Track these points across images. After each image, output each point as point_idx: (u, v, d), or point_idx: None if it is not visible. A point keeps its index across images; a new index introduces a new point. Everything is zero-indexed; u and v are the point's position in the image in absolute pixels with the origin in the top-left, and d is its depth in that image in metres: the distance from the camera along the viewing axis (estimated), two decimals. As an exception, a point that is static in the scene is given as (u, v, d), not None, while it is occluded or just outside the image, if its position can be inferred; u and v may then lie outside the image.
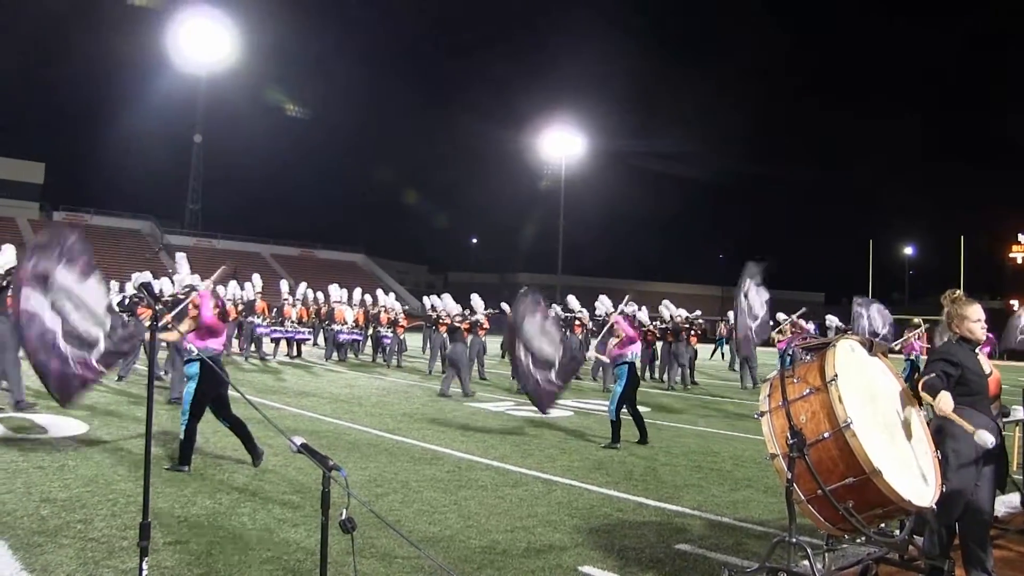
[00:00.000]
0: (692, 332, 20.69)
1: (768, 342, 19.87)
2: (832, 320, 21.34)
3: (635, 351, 10.56)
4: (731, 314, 22.37)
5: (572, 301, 21.47)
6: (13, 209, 59.29)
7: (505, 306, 20.42)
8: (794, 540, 4.52)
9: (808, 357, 5.01)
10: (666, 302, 21.40)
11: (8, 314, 10.98)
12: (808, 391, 4.49)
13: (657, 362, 21.36)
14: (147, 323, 13.98)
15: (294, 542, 5.45)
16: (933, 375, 4.62)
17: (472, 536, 5.83)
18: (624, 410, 10.19)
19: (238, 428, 7.89)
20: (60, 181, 65.64)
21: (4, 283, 10.86)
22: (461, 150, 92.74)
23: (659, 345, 20.87)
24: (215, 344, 7.92)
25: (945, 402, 4.40)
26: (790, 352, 18.74)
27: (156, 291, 4.65)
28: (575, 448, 9.82)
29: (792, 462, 4.34)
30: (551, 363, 10.27)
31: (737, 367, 23.04)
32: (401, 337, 23.08)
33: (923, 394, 4.56)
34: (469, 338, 17.81)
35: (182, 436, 7.57)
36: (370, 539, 5.48)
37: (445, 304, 18.86)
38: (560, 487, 7.62)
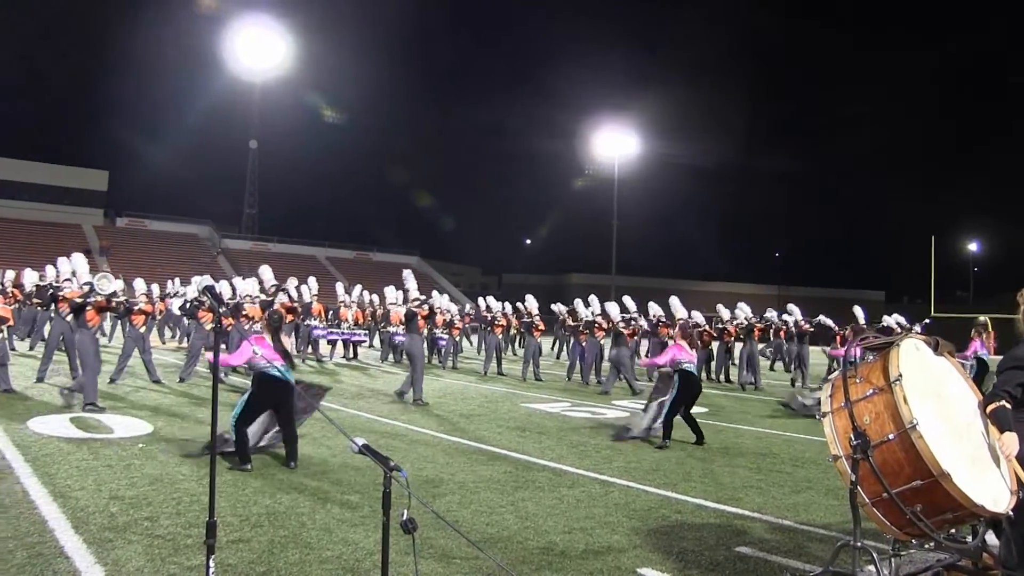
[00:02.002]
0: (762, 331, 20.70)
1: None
2: (891, 320, 20.95)
3: (688, 359, 10.42)
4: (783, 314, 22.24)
5: (628, 302, 21.36)
6: (79, 216, 61.01)
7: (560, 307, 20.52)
8: (859, 544, 4.41)
9: (871, 357, 4.88)
10: (741, 304, 21.30)
11: (89, 327, 11.36)
12: (872, 391, 4.40)
13: (713, 362, 21.18)
14: (208, 326, 14.41)
15: (353, 542, 5.49)
16: (1001, 401, 4.38)
17: (530, 537, 5.82)
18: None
19: (291, 437, 8.05)
20: (123, 188, 67.54)
21: (86, 299, 11.21)
22: (515, 152, 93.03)
23: (715, 345, 20.72)
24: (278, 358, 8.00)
25: (1009, 446, 4.24)
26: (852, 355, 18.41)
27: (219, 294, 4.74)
28: (632, 449, 9.76)
29: (856, 464, 4.25)
30: None
31: (792, 367, 22.75)
32: (456, 339, 23.15)
33: (992, 424, 4.39)
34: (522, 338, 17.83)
35: (232, 437, 7.77)
36: (428, 539, 5.50)
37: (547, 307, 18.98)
38: (618, 488, 7.58)
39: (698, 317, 19.08)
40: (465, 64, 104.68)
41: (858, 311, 20.49)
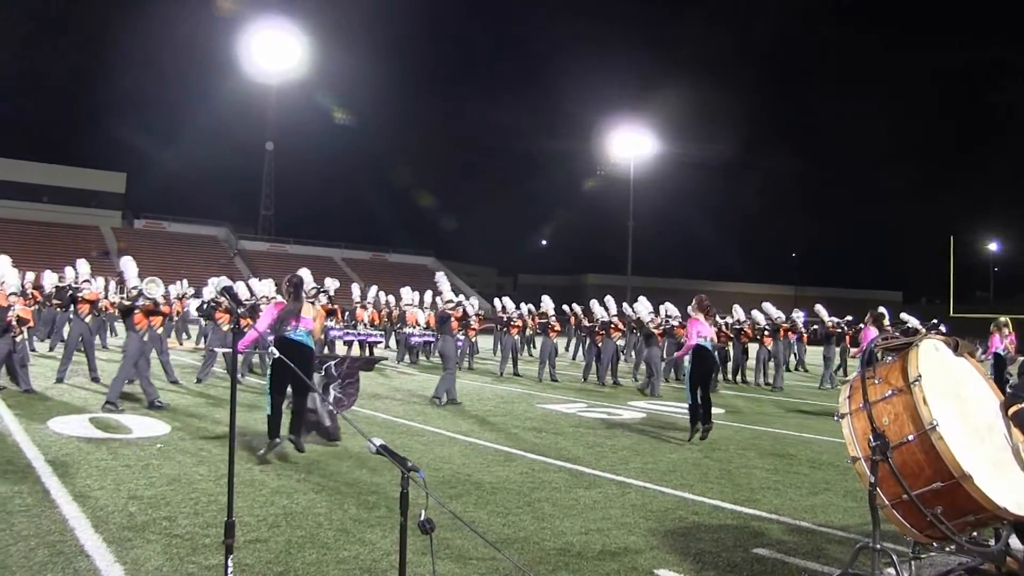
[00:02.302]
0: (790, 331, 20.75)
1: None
2: (910, 319, 20.82)
3: (706, 333, 10.46)
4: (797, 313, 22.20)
5: (643, 303, 21.33)
6: (97, 218, 61.57)
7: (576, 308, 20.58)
8: (878, 546, 4.37)
9: (889, 358, 4.84)
10: (766, 305, 21.25)
11: (137, 330, 11.48)
12: (890, 392, 4.37)
13: (729, 363, 21.12)
14: (225, 327, 14.49)
15: (370, 542, 5.50)
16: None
17: (546, 538, 5.81)
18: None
19: (298, 410, 8.45)
20: (140, 190, 68.01)
21: (134, 303, 11.31)
22: (530, 152, 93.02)
23: (730, 346, 20.72)
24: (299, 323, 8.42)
25: None
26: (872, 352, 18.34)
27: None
28: (648, 450, 9.73)
29: (875, 465, 4.22)
30: None
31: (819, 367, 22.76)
32: (473, 340, 23.15)
33: (1014, 426, 4.35)
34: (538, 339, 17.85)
35: (268, 411, 8.28)
36: (445, 540, 5.50)
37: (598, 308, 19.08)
38: (634, 489, 7.56)
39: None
40: (479, 65, 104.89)
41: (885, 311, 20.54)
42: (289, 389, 8.46)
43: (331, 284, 19.15)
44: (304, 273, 15.36)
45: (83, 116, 68.98)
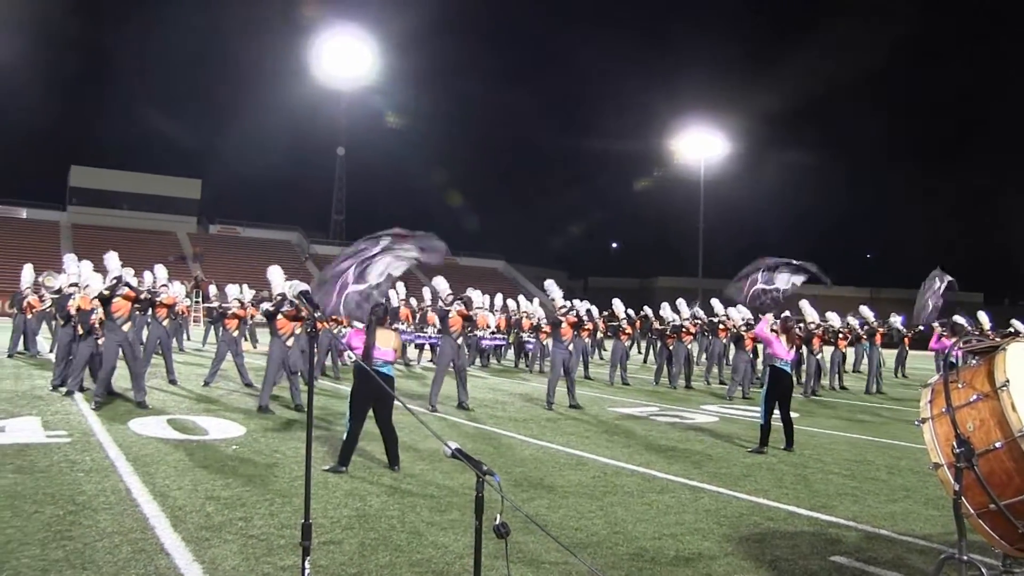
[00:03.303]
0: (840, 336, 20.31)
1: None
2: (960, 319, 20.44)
3: (782, 356, 10.21)
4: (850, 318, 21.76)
5: (717, 305, 21.09)
6: (174, 224, 63.23)
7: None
8: (965, 558, 4.19)
9: (973, 361, 4.68)
10: (863, 308, 21.05)
11: (280, 335, 11.87)
12: (975, 397, 4.22)
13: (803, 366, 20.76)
14: (235, 332, 14.81)
15: (443, 545, 5.53)
16: None
17: (619, 542, 5.78)
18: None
19: (388, 437, 8.12)
20: (215, 196, 69.57)
21: (278, 308, 11.71)
22: (599, 155, 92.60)
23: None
24: (377, 353, 8.11)
25: None
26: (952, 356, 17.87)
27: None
28: (721, 455, 9.61)
29: (960, 473, 4.07)
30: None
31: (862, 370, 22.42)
32: (544, 343, 23.10)
33: None
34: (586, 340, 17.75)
35: (344, 436, 7.94)
36: (517, 543, 5.50)
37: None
38: (707, 494, 7.47)
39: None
40: (547, 67, 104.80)
41: (982, 316, 20.23)
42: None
43: (475, 295, 19.63)
44: (439, 281, 15.71)
45: (162, 125, 70.66)
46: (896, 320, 23.38)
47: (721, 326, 20.43)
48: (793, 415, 10.26)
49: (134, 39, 78.30)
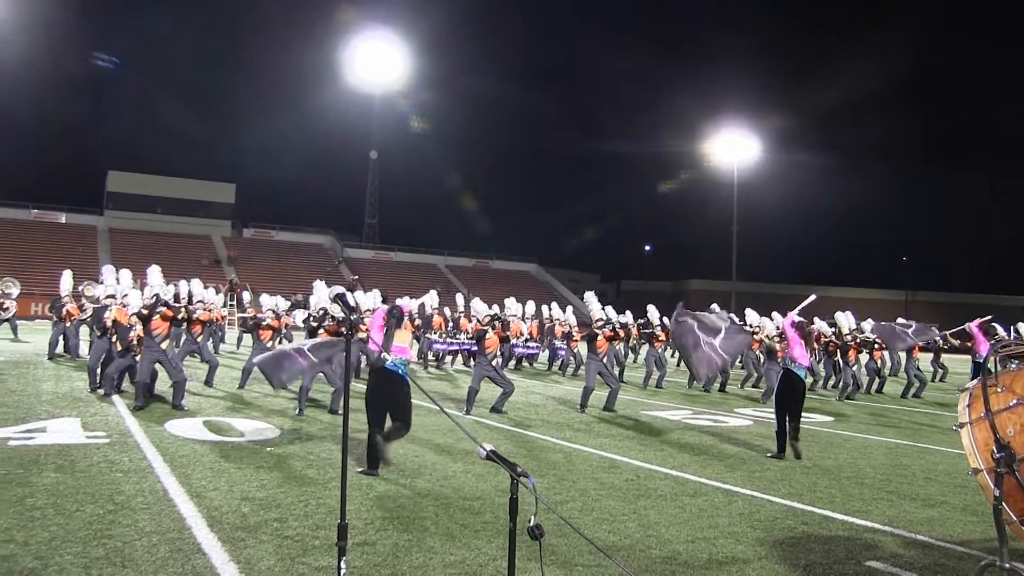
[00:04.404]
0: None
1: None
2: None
3: (799, 358, 10.07)
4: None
5: (750, 314, 20.91)
6: (209, 227, 63.90)
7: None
8: (1007, 565, 4.13)
9: (1013, 365, 4.63)
10: (900, 321, 20.75)
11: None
12: (1015, 402, 4.18)
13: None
14: (268, 343, 14.88)
15: (476, 547, 5.55)
16: None
17: (652, 546, 5.77)
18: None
19: (397, 429, 8.09)
20: (249, 200, 70.26)
21: (321, 323, 11.93)
22: (631, 158, 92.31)
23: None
24: (395, 351, 8.16)
25: None
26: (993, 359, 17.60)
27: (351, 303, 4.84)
28: (755, 458, 9.55)
29: (1000, 478, 4.03)
30: (718, 330, 10.05)
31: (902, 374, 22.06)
32: (575, 350, 23.02)
33: None
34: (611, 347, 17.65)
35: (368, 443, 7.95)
36: (550, 546, 5.51)
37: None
38: (741, 498, 7.43)
39: (822, 326, 18.71)
40: (583, 70, 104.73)
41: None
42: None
43: (512, 305, 19.84)
44: (477, 303, 15.90)
45: (197, 129, 71.53)
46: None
47: (755, 337, 20.20)
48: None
49: (170, 46, 79.52)
